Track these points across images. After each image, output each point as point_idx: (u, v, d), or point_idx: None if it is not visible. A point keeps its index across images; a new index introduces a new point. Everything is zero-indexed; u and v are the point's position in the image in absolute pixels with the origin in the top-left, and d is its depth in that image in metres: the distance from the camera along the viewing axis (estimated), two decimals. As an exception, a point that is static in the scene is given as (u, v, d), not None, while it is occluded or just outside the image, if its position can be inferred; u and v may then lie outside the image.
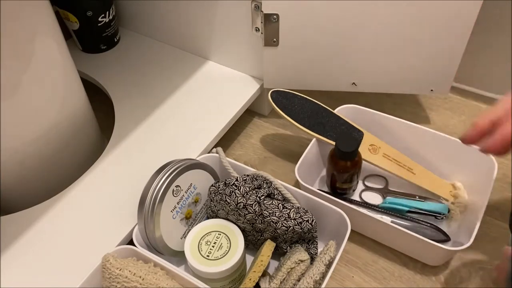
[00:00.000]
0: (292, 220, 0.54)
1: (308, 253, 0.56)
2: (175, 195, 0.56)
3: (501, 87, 0.82)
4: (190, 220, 0.60)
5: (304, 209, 0.55)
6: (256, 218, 0.55)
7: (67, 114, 0.65)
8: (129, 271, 0.51)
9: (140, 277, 0.50)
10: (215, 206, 0.58)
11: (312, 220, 0.55)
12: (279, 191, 0.58)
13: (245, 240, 0.57)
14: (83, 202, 0.62)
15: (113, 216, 0.60)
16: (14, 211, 0.61)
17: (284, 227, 0.54)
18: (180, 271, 0.52)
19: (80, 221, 0.59)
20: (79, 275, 0.52)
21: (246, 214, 0.54)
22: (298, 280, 0.52)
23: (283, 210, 0.55)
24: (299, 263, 0.53)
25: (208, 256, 0.54)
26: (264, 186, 0.57)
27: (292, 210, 0.55)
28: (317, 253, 0.58)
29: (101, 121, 0.78)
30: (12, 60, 0.54)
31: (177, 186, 0.56)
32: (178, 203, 0.57)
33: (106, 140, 0.78)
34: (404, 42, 0.68)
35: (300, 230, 0.55)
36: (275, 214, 0.54)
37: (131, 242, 0.56)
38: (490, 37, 0.77)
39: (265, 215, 0.54)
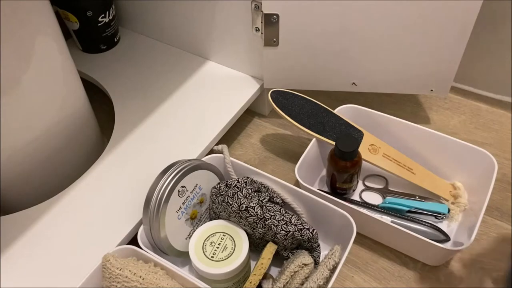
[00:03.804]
0: (293, 226, 0.54)
1: (311, 258, 0.56)
2: (180, 195, 0.56)
3: (501, 87, 0.82)
4: (195, 220, 0.59)
5: (305, 220, 0.55)
6: (257, 221, 0.54)
7: (67, 114, 0.65)
8: (129, 271, 0.51)
9: (141, 276, 0.50)
10: (217, 208, 0.58)
11: (313, 230, 0.54)
12: (277, 195, 0.58)
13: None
14: (83, 202, 0.62)
15: (113, 216, 0.60)
16: (14, 211, 0.61)
17: (283, 231, 0.54)
18: (180, 270, 0.52)
19: (80, 221, 0.59)
20: (79, 275, 0.53)
21: (248, 217, 0.54)
22: (302, 284, 0.52)
23: (285, 214, 0.54)
24: (302, 267, 0.53)
25: (212, 257, 0.54)
26: (263, 190, 0.57)
27: (294, 217, 0.54)
28: (319, 259, 0.57)
29: (101, 121, 0.78)
30: (12, 60, 0.54)
31: (182, 186, 0.56)
32: (183, 203, 0.57)
33: (106, 140, 0.78)
34: (404, 42, 0.68)
35: (300, 237, 0.54)
36: (275, 218, 0.54)
37: (131, 242, 0.56)
38: (490, 37, 0.77)
39: (266, 217, 0.54)
